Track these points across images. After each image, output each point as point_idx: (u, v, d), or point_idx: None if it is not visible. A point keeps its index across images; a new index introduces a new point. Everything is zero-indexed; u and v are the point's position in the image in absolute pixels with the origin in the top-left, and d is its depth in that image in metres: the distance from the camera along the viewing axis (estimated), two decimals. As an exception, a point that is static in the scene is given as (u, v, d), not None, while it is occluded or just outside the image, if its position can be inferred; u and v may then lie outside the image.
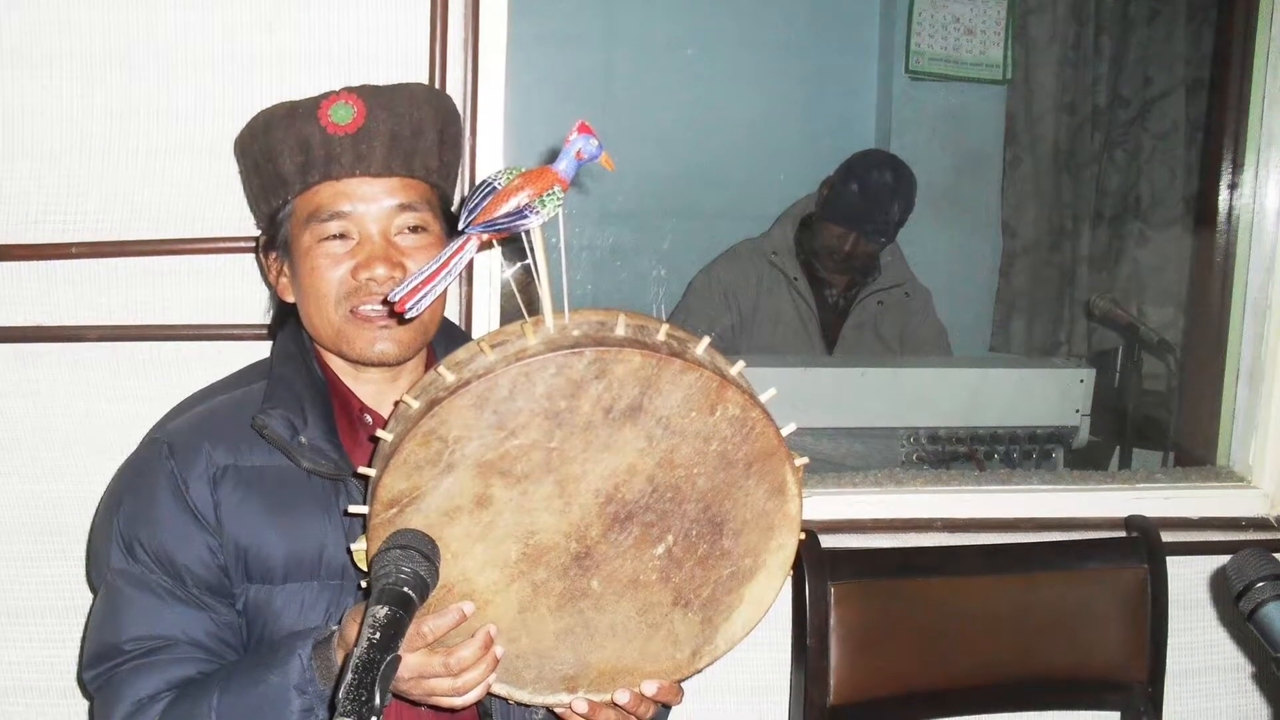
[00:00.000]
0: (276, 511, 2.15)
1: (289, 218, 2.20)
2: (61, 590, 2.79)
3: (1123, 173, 6.09)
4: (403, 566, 1.68)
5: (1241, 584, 1.93)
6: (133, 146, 2.67)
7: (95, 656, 2.15)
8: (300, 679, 1.98)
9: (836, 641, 2.81)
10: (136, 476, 2.20)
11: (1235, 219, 3.50)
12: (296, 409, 2.15)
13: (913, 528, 3.12)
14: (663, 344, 1.79)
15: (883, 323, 4.76)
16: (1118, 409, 4.24)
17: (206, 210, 2.70)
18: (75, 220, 2.68)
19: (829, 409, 3.87)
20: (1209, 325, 3.58)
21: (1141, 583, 2.96)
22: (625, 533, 1.87)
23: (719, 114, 5.86)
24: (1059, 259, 6.13)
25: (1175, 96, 6.00)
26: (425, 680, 1.88)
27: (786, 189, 5.16)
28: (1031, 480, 3.38)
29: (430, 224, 2.19)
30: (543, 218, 1.77)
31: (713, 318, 4.69)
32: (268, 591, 2.15)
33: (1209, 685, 3.29)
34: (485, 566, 1.86)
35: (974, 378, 4.12)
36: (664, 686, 2.01)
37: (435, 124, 2.21)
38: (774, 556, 1.94)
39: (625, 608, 1.93)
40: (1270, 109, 3.34)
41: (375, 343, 2.16)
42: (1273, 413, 3.30)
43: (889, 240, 4.73)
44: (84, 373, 2.73)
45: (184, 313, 2.74)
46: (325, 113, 2.13)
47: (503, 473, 1.79)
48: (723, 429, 1.82)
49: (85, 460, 2.73)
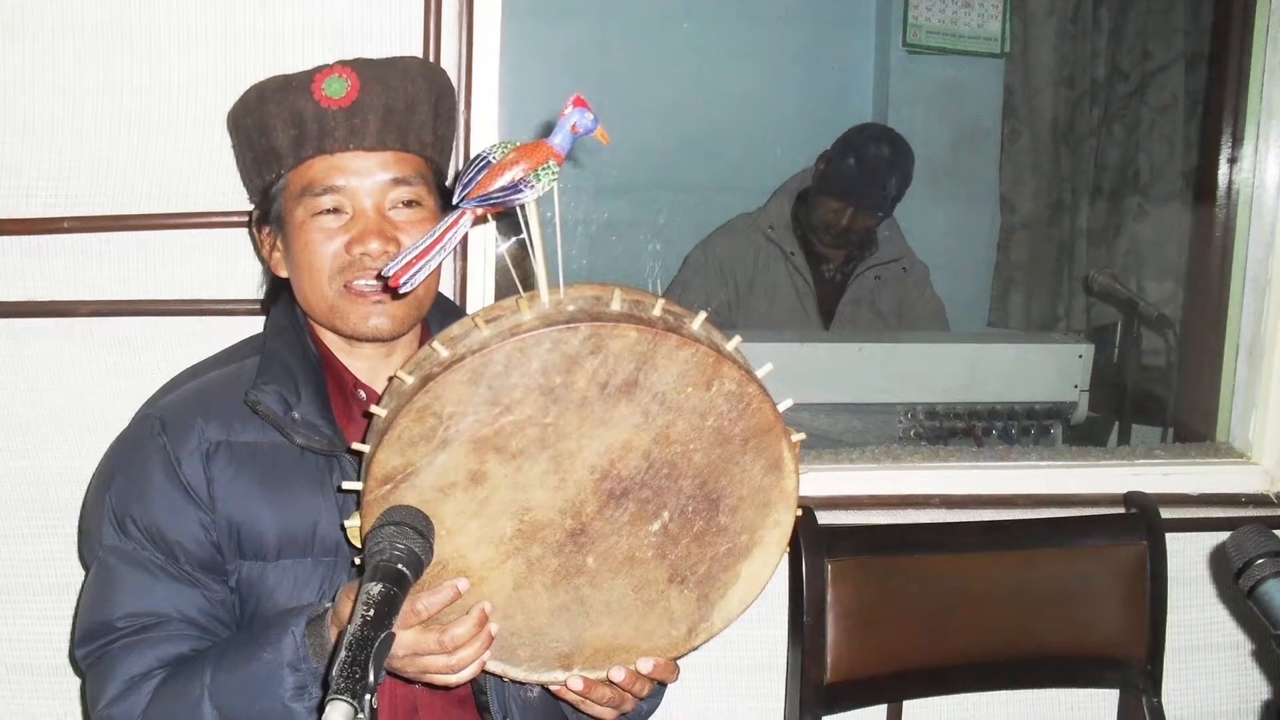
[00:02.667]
0: (270, 487, 2.14)
1: (282, 192, 2.19)
2: (53, 567, 2.78)
3: (1122, 147, 6.08)
4: (397, 543, 1.68)
5: (1241, 561, 1.93)
6: (125, 121, 2.65)
7: (87, 634, 2.14)
8: (294, 656, 1.97)
9: (833, 619, 2.81)
10: (129, 453, 2.19)
11: (1235, 193, 3.48)
12: (290, 384, 2.14)
13: (910, 504, 3.11)
14: (658, 319, 1.79)
15: (880, 298, 4.76)
16: (1117, 384, 4.22)
17: (199, 184, 2.69)
18: (67, 195, 2.67)
19: (826, 384, 3.86)
20: (1208, 300, 3.57)
21: (1140, 559, 2.96)
22: (621, 509, 1.86)
23: (715, 88, 5.85)
24: (1057, 234, 6.13)
25: (1174, 70, 5.98)
26: (419, 658, 1.88)
27: (783, 163, 5.16)
28: (1030, 456, 3.38)
29: (424, 198, 2.18)
30: (538, 192, 1.76)
31: (709, 293, 4.69)
32: (261, 568, 2.15)
33: (1208, 662, 3.29)
34: (480, 543, 1.85)
35: (972, 353, 4.11)
36: (660, 664, 2.01)
37: (429, 97, 2.19)
38: (770, 533, 1.93)
39: (621, 585, 1.92)
40: (1270, 82, 3.33)
41: (369, 318, 2.15)
42: (1273, 388, 3.29)
43: (886, 215, 4.72)
44: (76, 348, 2.72)
45: (176, 288, 2.73)
46: (319, 86, 2.11)
47: (497, 449, 1.79)
48: (719, 404, 1.81)
49: (77, 436, 2.72)
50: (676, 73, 5.81)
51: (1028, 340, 4.68)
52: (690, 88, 5.83)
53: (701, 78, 5.84)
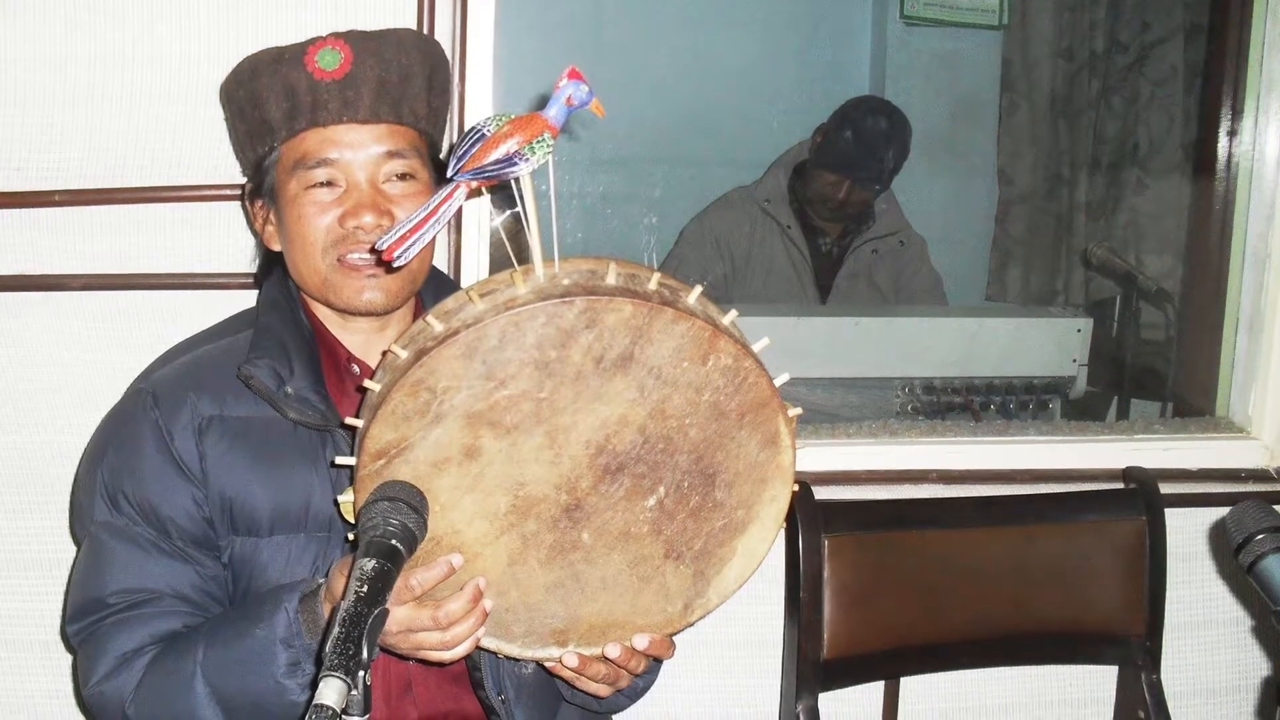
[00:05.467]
0: (262, 463, 2.14)
1: (275, 165, 2.18)
2: (44, 543, 2.77)
3: (1120, 119, 6.06)
4: (390, 519, 1.67)
5: (1241, 536, 1.91)
6: (117, 93, 2.63)
7: (79, 610, 2.14)
8: (287, 632, 1.97)
9: (830, 595, 2.80)
10: (120, 427, 2.19)
11: (1234, 166, 3.47)
12: (283, 359, 2.13)
13: (908, 479, 3.10)
14: (654, 293, 1.78)
15: (877, 272, 4.75)
16: (1115, 359, 4.23)
17: (191, 157, 2.67)
18: (58, 168, 2.65)
19: (823, 359, 3.86)
20: (1208, 274, 3.56)
21: (1140, 535, 2.95)
22: (616, 484, 1.85)
23: (711, 60, 5.83)
24: (1056, 207, 6.12)
25: (1174, 42, 5.96)
26: (413, 634, 1.88)
27: (780, 136, 5.16)
28: (1028, 431, 3.37)
29: (418, 171, 2.17)
30: (532, 165, 1.75)
31: (705, 266, 4.68)
32: (253, 544, 2.15)
33: (1208, 639, 3.28)
34: (474, 519, 1.85)
35: (970, 327, 4.10)
36: (655, 640, 2.00)
37: (423, 69, 2.18)
38: (767, 508, 1.92)
39: (616, 560, 1.92)
40: (1270, 54, 3.31)
41: (363, 292, 2.14)
42: (1273, 363, 3.28)
43: (883, 188, 4.71)
44: (67, 322, 2.71)
45: (169, 261, 2.71)
46: (312, 59, 2.10)
47: (492, 423, 1.78)
48: (715, 379, 1.80)
49: (68, 411, 2.71)
50: (672, 45, 5.80)
51: (1026, 314, 4.68)
52: (686, 60, 5.82)
53: (697, 50, 5.82)
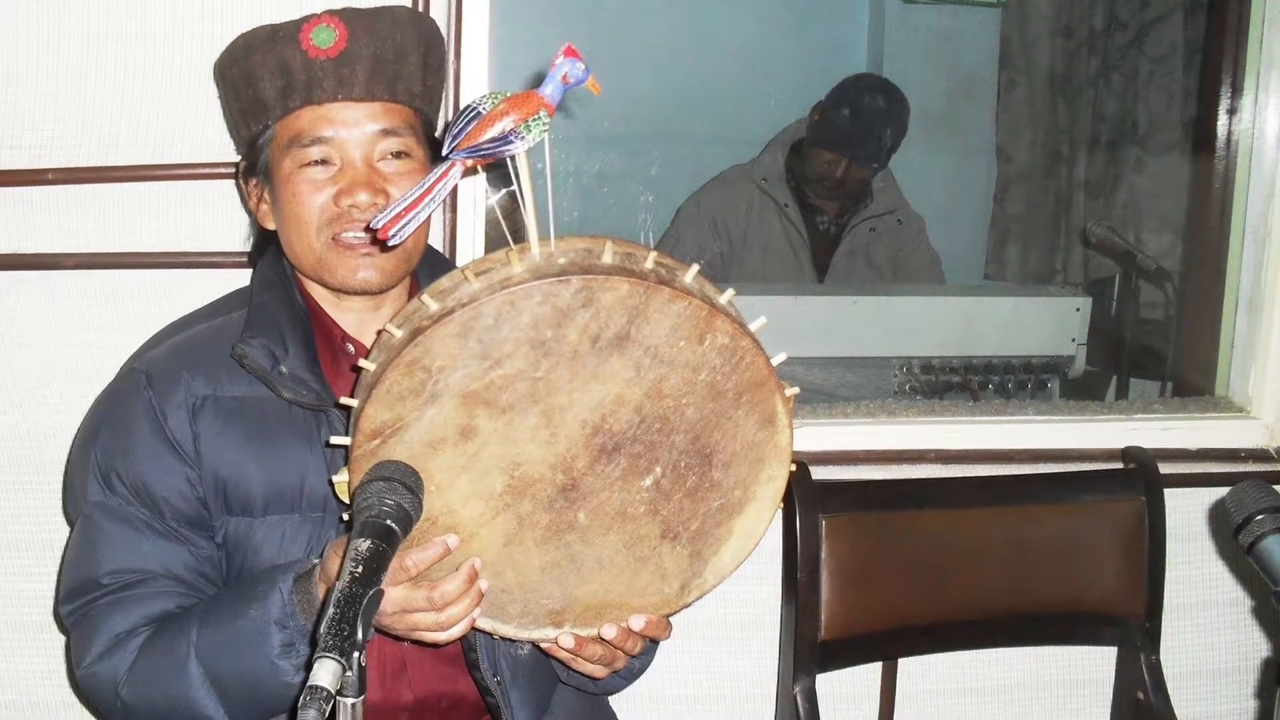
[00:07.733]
0: (257, 443, 2.13)
1: (269, 143, 2.18)
2: (37, 523, 2.77)
3: (1119, 97, 6.04)
4: (385, 499, 1.67)
5: (1241, 516, 1.91)
6: (110, 70, 2.62)
7: (72, 590, 2.14)
8: (281, 613, 1.97)
9: (828, 575, 2.79)
10: (114, 407, 2.19)
11: (1234, 144, 3.45)
12: (277, 338, 2.13)
13: (906, 459, 3.09)
14: (651, 272, 1.77)
15: (875, 250, 4.74)
16: (1115, 338, 4.22)
17: (185, 135, 2.66)
18: (51, 145, 2.64)
19: (820, 338, 3.85)
20: (1208, 253, 3.55)
21: (1139, 515, 2.94)
22: (612, 464, 1.85)
23: (708, 37, 5.83)
24: (1054, 185, 6.10)
25: (1173, 19, 5.94)
26: (408, 615, 1.87)
27: (777, 114, 5.16)
28: (1027, 411, 3.36)
29: (413, 149, 2.17)
30: (528, 143, 1.75)
31: (701, 245, 4.67)
32: (248, 524, 2.14)
33: (1207, 619, 3.27)
34: (470, 499, 1.84)
35: (968, 306, 4.10)
36: (652, 621, 2.00)
37: (418, 47, 2.18)
38: (764, 489, 1.92)
39: (612, 541, 1.91)
40: (1270, 31, 3.29)
41: (357, 270, 2.14)
42: (1273, 342, 3.27)
43: (881, 166, 4.70)
44: (60, 301, 2.70)
45: (163, 240, 2.70)
46: (306, 36, 2.10)
47: (487, 403, 1.77)
48: (712, 358, 1.80)
49: (61, 390, 2.70)
50: (669, 22, 5.80)
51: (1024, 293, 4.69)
52: (683, 37, 5.81)
53: (694, 27, 5.82)
